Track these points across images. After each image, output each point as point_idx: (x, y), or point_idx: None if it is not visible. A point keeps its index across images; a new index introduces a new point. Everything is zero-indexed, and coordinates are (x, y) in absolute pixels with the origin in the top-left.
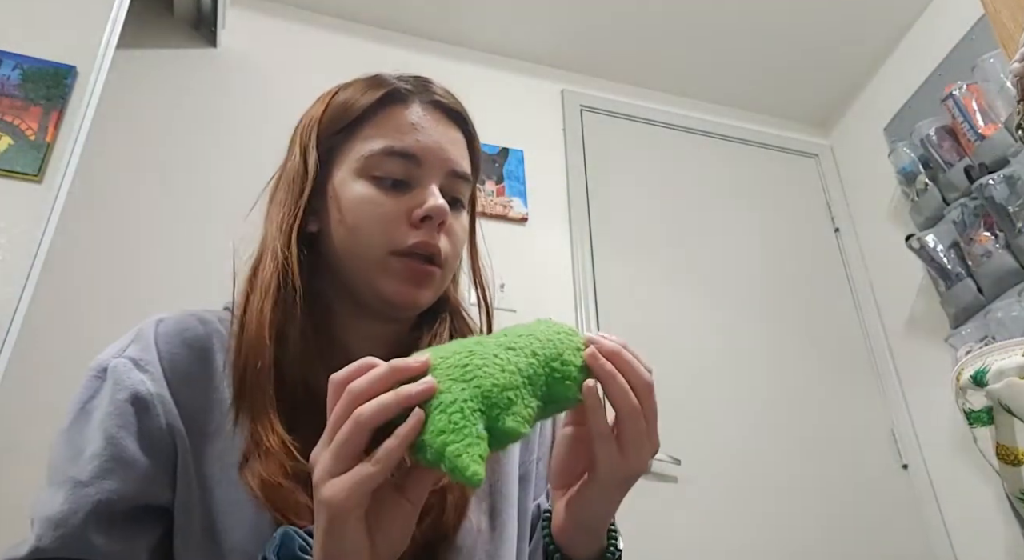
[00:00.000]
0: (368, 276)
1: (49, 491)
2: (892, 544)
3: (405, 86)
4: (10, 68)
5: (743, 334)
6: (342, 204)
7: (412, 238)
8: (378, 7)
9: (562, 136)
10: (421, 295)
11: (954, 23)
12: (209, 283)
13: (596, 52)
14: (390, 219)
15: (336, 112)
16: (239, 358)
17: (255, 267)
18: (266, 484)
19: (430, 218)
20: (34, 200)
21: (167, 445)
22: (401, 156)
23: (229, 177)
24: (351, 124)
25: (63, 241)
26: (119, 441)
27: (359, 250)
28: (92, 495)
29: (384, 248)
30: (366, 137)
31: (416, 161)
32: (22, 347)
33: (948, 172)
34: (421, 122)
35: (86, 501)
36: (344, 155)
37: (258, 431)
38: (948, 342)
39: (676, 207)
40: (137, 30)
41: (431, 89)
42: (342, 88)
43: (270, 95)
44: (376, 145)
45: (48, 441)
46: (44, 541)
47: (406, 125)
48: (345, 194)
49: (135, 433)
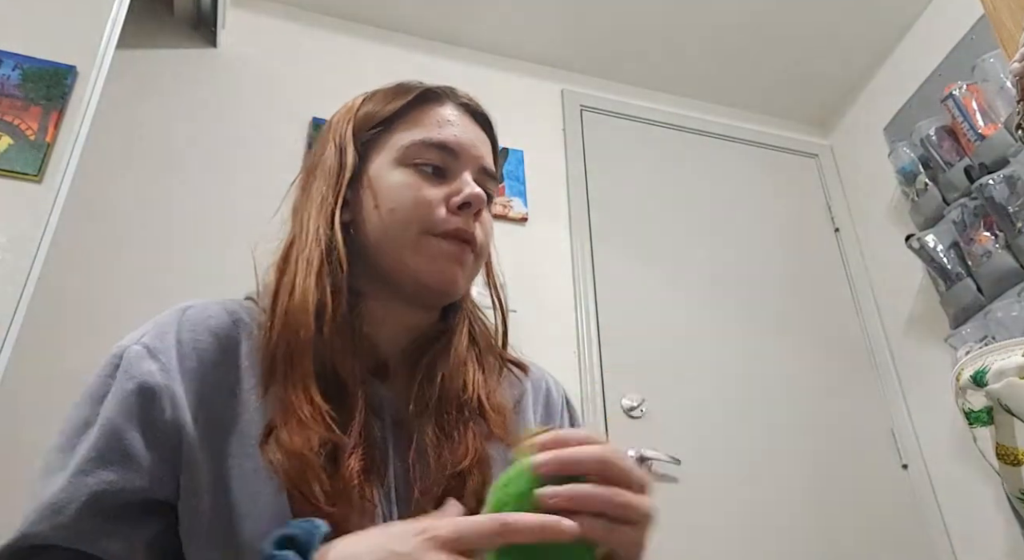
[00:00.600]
0: (404, 257)
1: (46, 478)
2: (892, 544)
3: (436, 88)
4: (10, 68)
5: (743, 334)
6: (380, 189)
7: (450, 223)
8: (378, 7)
9: (562, 136)
10: (457, 275)
11: (954, 23)
12: (209, 282)
13: (596, 52)
14: (429, 202)
15: (373, 109)
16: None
17: (286, 252)
18: (290, 454)
19: (468, 205)
20: (34, 200)
21: (171, 439)
22: (439, 147)
23: (229, 177)
24: (388, 119)
25: (63, 241)
26: (122, 433)
27: (396, 231)
28: (91, 485)
29: (422, 229)
30: (404, 129)
31: (453, 153)
32: (22, 347)
33: (948, 172)
34: (455, 119)
35: (84, 490)
36: (380, 147)
37: (292, 401)
38: (948, 342)
39: (676, 207)
40: (137, 30)
41: (458, 93)
42: (373, 92)
43: (270, 95)
44: (416, 136)
45: (48, 441)
46: (36, 527)
47: (442, 120)
48: (384, 180)
49: (139, 425)
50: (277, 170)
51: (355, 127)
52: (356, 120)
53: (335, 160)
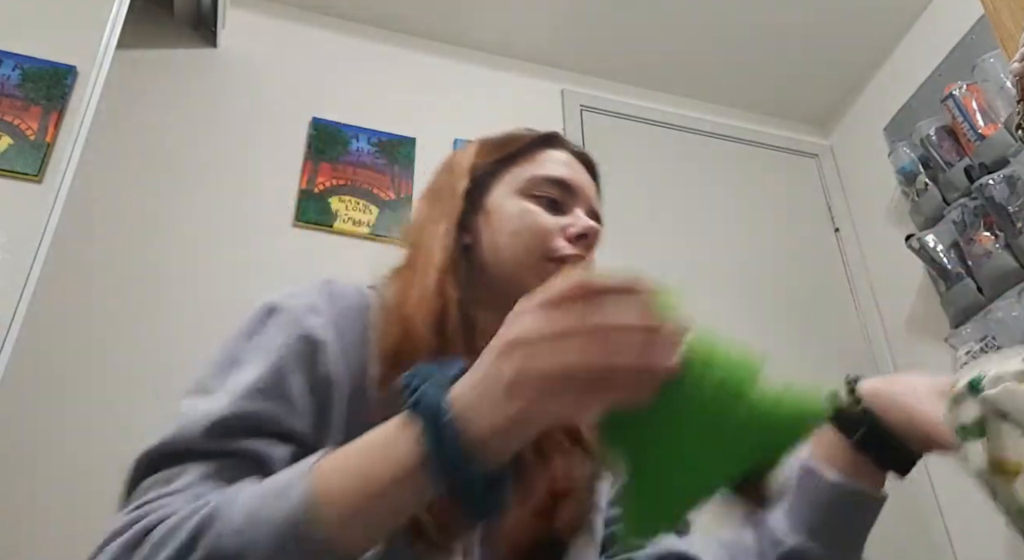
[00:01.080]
0: (523, 277)
1: (198, 398)
2: (892, 544)
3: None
4: (10, 68)
5: (743, 334)
6: (500, 216)
7: (568, 250)
8: (378, 7)
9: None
10: None
11: (954, 23)
12: (209, 281)
13: (596, 52)
14: (549, 229)
15: (497, 144)
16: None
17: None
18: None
19: (585, 237)
20: (34, 200)
21: (324, 391)
22: (557, 183)
23: (229, 176)
24: (514, 154)
25: (63, 241)
26: (287, 373)
27: (518, 254)
28: (252, 408)
29: (543, 254)
30: (527, 164)
31: (569, 190)
32: (22, 347)
33: (948, 172)
34: (570, 162)
35: (245, 409)
36: (501, 178)
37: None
38: (948, 342)
39: (676, 207)
40: (137, 30)
41: (570, 143)
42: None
43: (270, 95)
44: (539, 171)
45: (48, 441)
46: (186, 433)
47: (559, 161)
48: (505, 208)
49: (301, 370)
50: (277, 170)
51: (477, 160)
52: (479, 155)
53: (455, 185)
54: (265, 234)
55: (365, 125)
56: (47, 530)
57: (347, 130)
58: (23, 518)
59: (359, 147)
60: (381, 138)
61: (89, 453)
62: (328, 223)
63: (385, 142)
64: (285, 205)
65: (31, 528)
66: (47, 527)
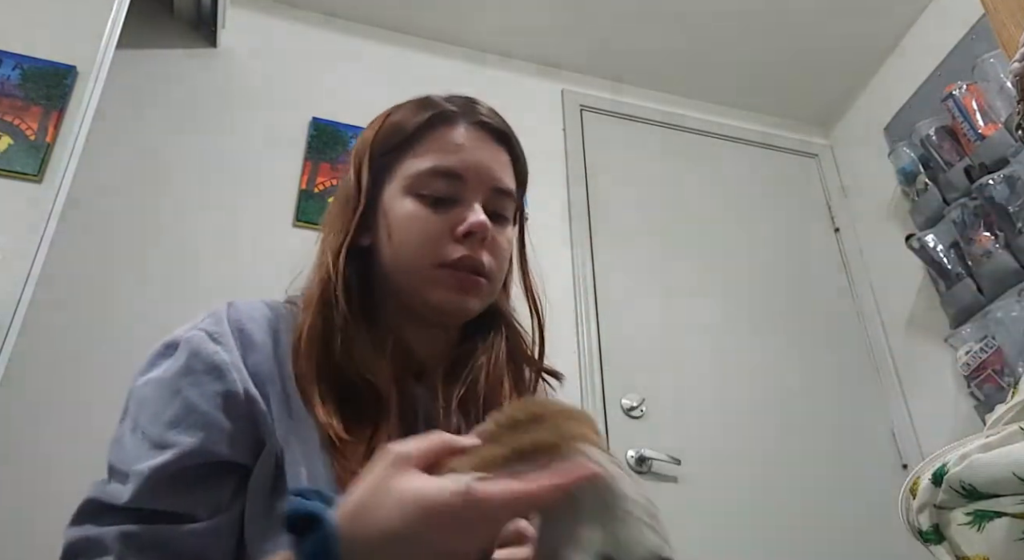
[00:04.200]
0: (417, 287)
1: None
2: (892, 544)
3: (451, 108)
4: (10, 68)
5: (743, 334)
6: (390, 220)
7: (457, 252)
8: (378, 7)
9: (562, 136)
10: (469, 302)
11: (954, 23)
12: (208, 281)
13: (596, 52)
14: (435, 234)
15: (387, 133)
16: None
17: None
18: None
19: (472, 234)
20: (34, 200)
21: (246, 411)
22: (445, 175)
23: (229, 176)
24: (401, 144)
25: (63, 241)
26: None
27: (407, 264)
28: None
29: (430, 262)
30: (415, 156)
31: (460, 179)
32: (22, 347)
33: (948, 172)
34: (466, 142)
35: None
36: (395, 173)
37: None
38: (948, 342)
39: (676, 207)
40: (137, 30)
41: (477, 110)
42: (394, 110)
43: (270, 95)
44: (423, 164)
45: (48, 441)
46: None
47: (452, 145)
48: (393, 211)
49: (214, 399)
50: (277, 169)
51: (372, 152)
52: (373, 145)
53: (351, 186)
54: (265, 234)
55: (365, 125)
56: (47, 530)
57: (347, 130)
58: (23, 518)
59: None
60: None
61: (89, 453)
62: None
63: None
64: (285, 205)
65: (31, 528)
66: (47, 527)
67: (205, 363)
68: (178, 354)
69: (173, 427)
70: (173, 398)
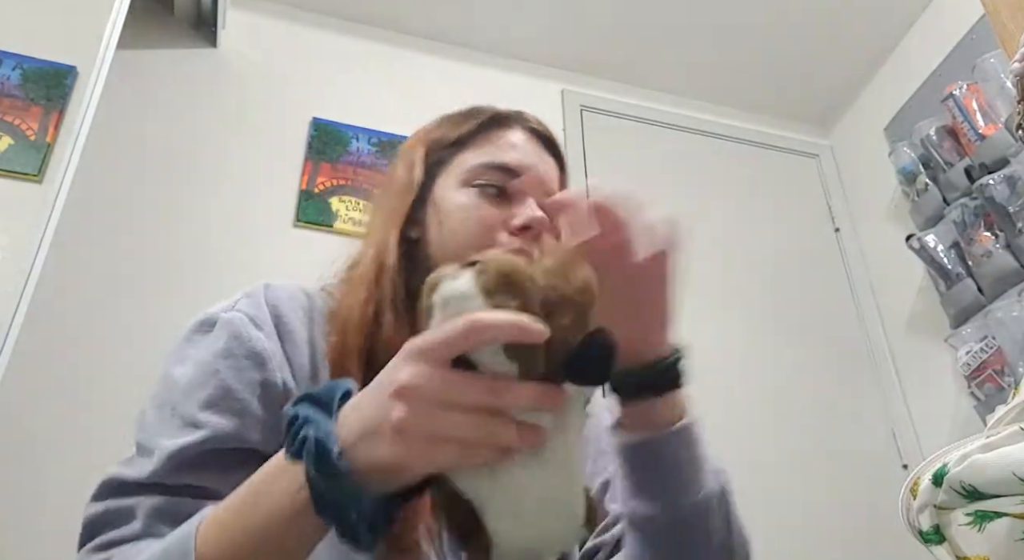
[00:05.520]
0: None
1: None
2: (892, 544)
3: (506, 112)
4: (10, 68)
5: (743, 334)
6: (444, 210)
7: (512, 244)
8: (378, 7)
9: (562, 136)
10: None
11: (954, 23)
12: (209, 281)
13: (596, 52)
14: (490, 224)
15: (444, 131)
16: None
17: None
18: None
19: (529, 228)
20: (34, 200)
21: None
22: (502, 170)
23: (229, 176)
24: (457, 141)
25: (63, 241)
26: (237, 392)
27: (457, 252)
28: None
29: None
30: (472, 151)
31: (516, 176)
32: (22, 347)
33: (948, 172)
34: (521, 143)
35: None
36: (448, 168)
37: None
38: (948, 342)
39: (676, 207)
40: (137, 30)
41: (527, 118)
42: (447, 115)
43: (270, 95)
44: (481, 158)
45: (48, 441)
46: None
47: (507, 144)
48: (448, 201)
49: (252, 386)
50: (277, 170)
51: (426, 148)
52: (428, 142)
53: (405, 178)
54: (265, 234)
55: (365, 125)
56: (48, 530)
57: (347, 130)
58: (24, 518)
59: (359, 147)
60: (381, 138)
61: (89, 453)
62: (328, 223)
63: (385, 142)
64: (285, 205)
65: (31, 528)
66: (48, 527)
67: (246, 348)
68: (216, 333)
69: (208, 408)
70: (210, 379)
